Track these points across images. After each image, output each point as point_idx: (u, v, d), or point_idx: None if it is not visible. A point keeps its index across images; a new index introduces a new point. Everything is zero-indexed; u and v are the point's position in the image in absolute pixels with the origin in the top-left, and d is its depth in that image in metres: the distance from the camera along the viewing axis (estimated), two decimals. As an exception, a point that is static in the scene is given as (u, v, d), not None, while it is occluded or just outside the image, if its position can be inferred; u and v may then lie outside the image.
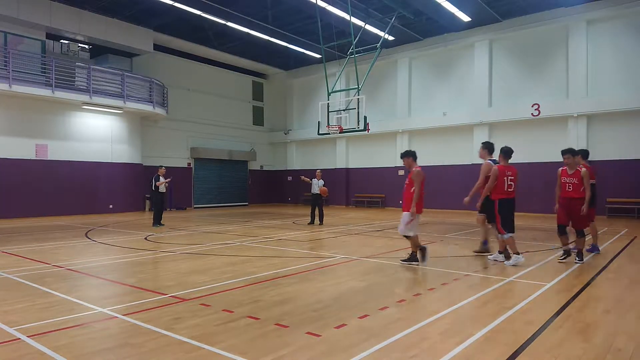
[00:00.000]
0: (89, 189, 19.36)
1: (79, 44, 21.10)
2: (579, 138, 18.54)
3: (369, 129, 17.86)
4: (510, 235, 7.45)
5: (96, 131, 19.86)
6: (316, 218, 14.97)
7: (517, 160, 20.14)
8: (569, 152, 7.59)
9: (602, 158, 18.16)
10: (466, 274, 6.74)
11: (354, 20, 18.84)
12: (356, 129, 17.68)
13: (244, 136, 28.51)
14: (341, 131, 18.14)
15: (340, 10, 18.68)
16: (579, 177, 7.41)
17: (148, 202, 21.63)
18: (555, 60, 19.31)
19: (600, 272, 6.77)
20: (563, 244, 7.70)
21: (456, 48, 22.02)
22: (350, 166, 26.30)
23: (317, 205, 14.92)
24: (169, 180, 14.31)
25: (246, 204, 28.49)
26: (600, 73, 18.19)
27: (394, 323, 4.34)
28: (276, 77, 29.88)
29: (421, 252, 7.37)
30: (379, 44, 19.54)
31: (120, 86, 19.84)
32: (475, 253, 8.50)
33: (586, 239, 9.76)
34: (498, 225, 7.60)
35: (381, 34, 20.22)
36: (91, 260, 8.10)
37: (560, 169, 7.70)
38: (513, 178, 7.64)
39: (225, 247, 9.62)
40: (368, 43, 20.30)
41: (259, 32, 21.80)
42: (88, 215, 18.94)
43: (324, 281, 6.27)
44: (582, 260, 7.41)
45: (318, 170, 15.60)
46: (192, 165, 25.46)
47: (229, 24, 20.70)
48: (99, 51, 21.62)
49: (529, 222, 15.69)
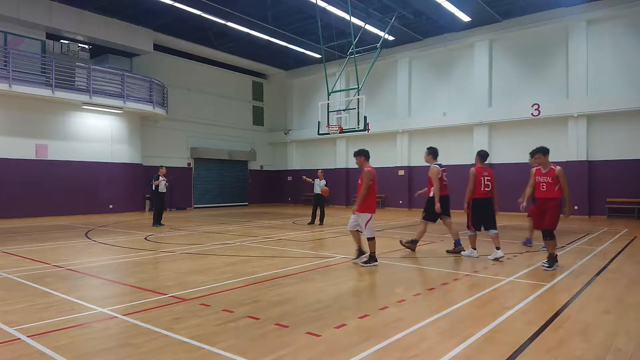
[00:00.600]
0: (89, 189, 19.35)
1: (79, 44, 21.09)
2: (579, 138, 18.54)
3: (369, 129, 17.86)
4: (474, 232, 8.10)
5: (96, 131, 19.85)
6: (316, 218, 14.98)
7: (517, 160, 20.35)
8: (539, 152, 7.11)
9: (602, 158, 18.19)
10: (466, 274, 6.74)
11: (354, 20, 18.83)
12: (356, 129, 17.68)
13: (244, 136, 28.50)
14: (341, 131, 18.13)
15: (340, 10, 18.67)
16: (553, 176, 6.90)
17: (148, 202, 21.63)
18: (555, 60, 19.30)
19: (600, 272, 6.77)
20: (551, 250, 7.09)
21: (456, 48, 22.02)
22: (350, 166, 26.29)
23: (319, 205, 14.92)
24: (163, 180, 14.13)
25: (246, 204, 28.49)
26: (600, 73, 18.18)
27: (394, 323, 4.34)
28: (276, 77, 29.87)
29: (360, 252, 7.59)
30: (379, 44, 19.54)
31: (120, 86, 19.84)
32: (448, 253, 8.69)
33: (532, 234, 10.03)
34: (469, 222, 8.09)
35: (381, 34, 20.22)
36: (91, 260, 8.10)
37: (534, 168, 7.32)
38: (490, 179, 8.09)
39: (225, 247, 9.62)
40: (368, 43, 20.29)
41: (259, 32, 21.80)
42: (88, 215, 18.93)
43: (324, 281, 6.27)
44: (553, 266, 6.85)
45: (320, 171, 15.59)
46: (192, 165, 25.45)
47: (229, 24, 20.69)
48: (99, 51, 21.62)
49: (529, 222, 15.63)
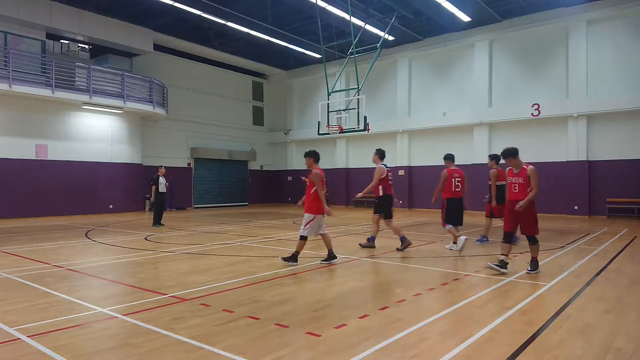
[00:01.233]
0: (89, 189, 19.35)
1: (79, 44, 21.09)
2: (579, 138, 18.53)
3: (369, 129, 17.85)
4: (450, 226, 8.84)
5: (96, 131, 19.85)
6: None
7: (517, 160, 20.27)
8: (509, 155, 6.80)
9: (602, 158, 18.17)
10: (466, 274, 6.74)
11: (354, 20, 18.82)
12: (356, 129, 17.67)
13: (244, 136, 28.50)
14: (341, 131, 18.13)
15: (340, 10, 18.67)
16: (525, 176, 6.60)
17: (148, 202, 21.62)
18: (555, 60, 19.30)
19: (600, 272, 6.77)
20: (506, 253, 6.73)
21: (456, 48, 22.01)
22: (350, 166, 26.29)
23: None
24: (163, 180, 14.25)
25: (246, 204, 28.48)
26: (600, 73, 18.17)
27: (394, 323, 4.34)
28: (276, 77, 29.87)
29: (330, 255, 7.55)
30: (379, 44, 19.53)
31: (120, 86, 19.84)
32: (361, 246, 9.28)
33: (489, 230, 10.16)
34: (442, 220, 8.98)
35: (381, 34, 20.21)
36: (91, 260, 8.10)
37: (507, 169, 7.03)
38: (460, 180, 8.84)
39: (225, 247, 9.62)
40: (368, 43, 20.29)
41: (259, 32, 21.79)
42: (88, 215, 18.93)
43: (324, 281, 6.27)
44: (537, 269, 6.62)
45: None
46: (192, 165, 25.45)
47: (229, 24, 20.69)
48: (99, 51, 21.62)
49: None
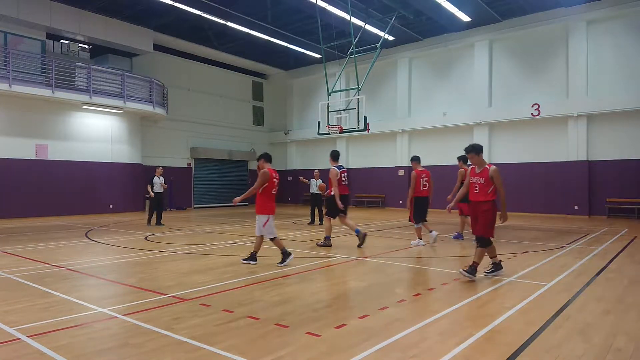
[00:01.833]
0: (89, 189, 19.34)
1: (79, 44, 21.09)
2: (579, 138, 18.53)
3: (369, 129, 17.85)
4: (419, 225, 9.62)
5: (96, 131, 19.85)
6: (316, 218, 14.99)
7: (517, 160, 20.36)
8: (472, 151, 6.36)
9: (602, 158, 18.18)
10: (466, 274, 6.73)
11: (354, 20, 18.83)
12: (356, 129, 17.67)
13: (244, 136, 28.50)
14: (341, 131, 18.13)
15: (340, 10, 18.67)
16: (486, 177, 6.19)
17: (148, 202, 21.61)
18: (555, 60, 19.30)
19: (600, 272, 6.77)
20: (491, 256, 6.43)
21: (456, 48, 22.01)
22: (350, 166, 26.27)
23: (317, 205, 14.93)
24: (159, 180, 14.59)
25: (246, 204, 28.41)
26: (600, 73, 18.17)
27: (394, 323, 4.34)
28: (276, 77, 29.87)
29: (284, 254, 7.48)
30: (379, 44, 19.53)
31: (120, 86, 19.83)
32: (318, 245, 9.59)
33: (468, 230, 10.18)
34: (411, 216, 9.68)
35: (381, 34, 20.21)
36: (91, 260, 8.10)
37: (470, 167, 6.63)
38: (427, 180, 9.64)
39: (225, 247, 9.63)
40: (368, 43, 20.28)
41: (259, 32, 21.80)
42: (88, 215, 18.93)
43: (324, 281, 6.27)
44: (473, 275, 6.16)
45: (316, 171, 15.66)
46: (192, 165, 25.45)
47: (229, 24, 20.69)
48: (99, 51, 21.62)
49: (530, 222, 15.67)
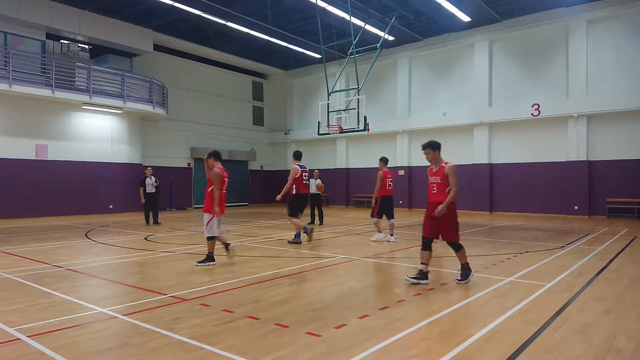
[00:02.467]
0: (89, 189, 19.34)
1: (79, 44, 21.08)
2: (579, 138, 18.53)
3: (369, 129, 17.86)
4: (378, 219, 10.33)
5: (96, 131, 19.85)
6: (316, 218, 14.99)
7: (518, 160, 20.38)
8: (428, 146, 6.13)
9: (602, 158, 18.18)
10: (466, 274, 6.72)
11: (354, 20, 18.82)
12: (356, 129, 17.67)
13: (244, 136, 28.49)
14: (341, 131, 18.13)
15: (340, 10, 18.66)
16: (443, 175, 5.98)
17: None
18: (555, 60, 19.30)
19: (600, 272, 6.77)
20: (424, 261, 6.05)
21: (456, 48, 22.01)
22: (350, 166, 26.28)
23: (317, 205, 14.94)
24: (150, 181, 14.62)
25: (246, 204, 28.48)
26: (600, 73, 18.17)
27: (394, 323, 4.34)
28: (276, 77, 29.87)
29: (209, 259, 7.48)
30: (379, 44, 19.53)
31: (120, 86, 19.82)
32: (290, 242, 10.02)
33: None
34: (374, 211, 10.35)
35: (381, 34, 20.21)
36: (91, 260, 8.09)
37: (428, 167, 6.34)
38: (392, 180, 10.48)
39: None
40: (368, 43, 20.29)
41: (259, 32, 21.79)
42: (88, 215, 18.93)
43: (324, 281, 6.27)
44: (467, 278, 5.99)
45: (316, 170, 15.66)
46: (192, 165, 25.45)
47: (229, 24, 20.68)
48: (99, 51, 21.60)
49: (530, 222, 15.67)
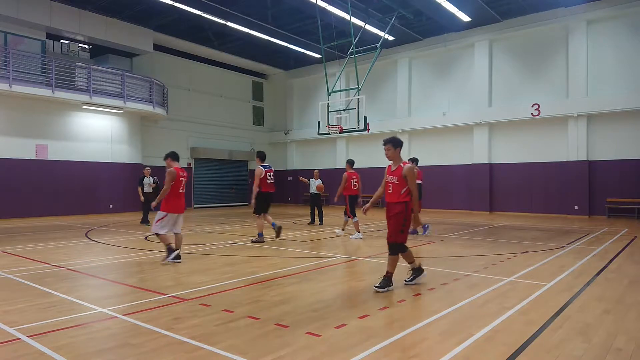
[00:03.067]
0: (89, 189, 19.34)
1: (79, 44, 21.08)
2: (579, 138, 18.53)
3: (369, 129, 17.85)
4: (356, 219, 11.08)
5: (96, 131, 19.84)
6: (316, 218, 14.99)
7: (517, 160, 20.37)
8: (390, 142, 5.66)
9: (602, 158, 18.18)
10: (466, 274, 6.73)
11: (354, 20, 18.82)
12: (356, 129, 17.67)
13: (244, 136, 28.50)
14: (341, 131, 18.13)
15: (340, 10, 18.66)
16: (400, 176, 5.54)
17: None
18: (555, 60, 19.30)
19: (600, 272, 6.77)
20: (409, 260, 5.94)
21: (456, 48, 22.01)
22: (350, 166, 26.27)
23: (317, 205, 14.94)
24: (147, 181, 14.62)
25: (246, 204, 28.45)
26: (600, 73, 18.17)
27: (394, 323, 4.34)
28: (276, 77, 29.87)
29: (169, 251, 7.64)
30: (379, 44, 19.53)
31: (120, 86, 19.83)
32: (252, 242, 10.19)
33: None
34: (348, 211, 11.28)
35: (381, 34, 20.21)
36: (91, 260, 8.10)
37: (387, 166, 5.88)
38: (357, 180, 11.48)
39: (225, 247, 9.63)
40: (368, 43, 20.29)
41: (259, 32, 21.79)
42: (88, 215, 18.93)
43: (324, 281, 6.27)
44: (385, 287, 5.58)
45: (316, 171, 15.68)
46: (192, 165, 25.44)
47: (229, 24, 20.68)
48: (99, 51, 21.61)
49: (529, 222, 15.68)
